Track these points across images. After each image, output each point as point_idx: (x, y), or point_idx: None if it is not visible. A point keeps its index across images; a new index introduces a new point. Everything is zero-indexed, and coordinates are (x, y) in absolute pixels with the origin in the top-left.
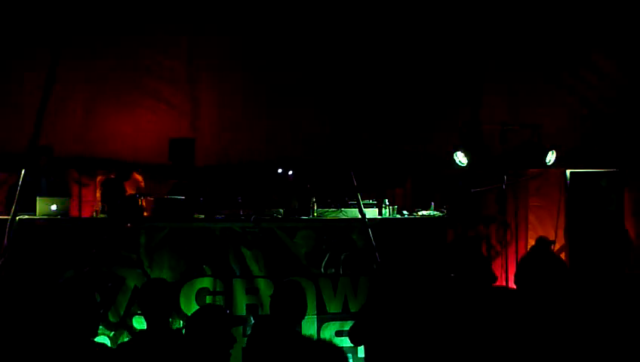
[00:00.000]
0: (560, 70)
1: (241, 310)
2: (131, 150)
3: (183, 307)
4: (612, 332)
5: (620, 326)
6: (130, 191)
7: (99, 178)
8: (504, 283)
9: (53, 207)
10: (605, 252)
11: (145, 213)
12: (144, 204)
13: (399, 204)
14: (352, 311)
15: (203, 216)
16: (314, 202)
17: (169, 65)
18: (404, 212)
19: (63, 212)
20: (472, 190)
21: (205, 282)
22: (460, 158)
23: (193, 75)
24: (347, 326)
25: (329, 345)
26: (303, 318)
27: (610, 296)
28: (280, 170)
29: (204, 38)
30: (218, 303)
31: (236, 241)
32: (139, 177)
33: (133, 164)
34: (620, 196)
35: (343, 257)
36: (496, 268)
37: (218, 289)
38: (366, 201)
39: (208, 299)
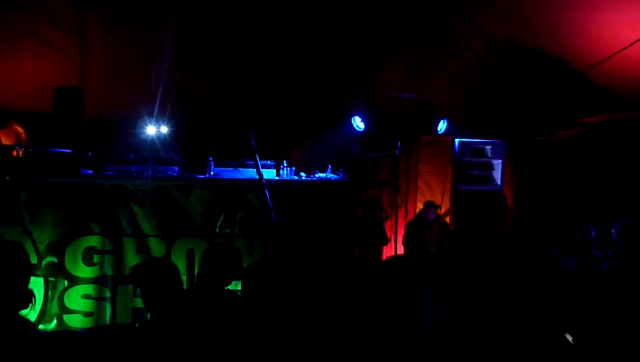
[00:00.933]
0: (449, 37)
1: None
2: (9, 97)
3: (67, 266)
4: (487, 282)
5: (492, 277)
6: (8, 142)
7: None
8: (393, 244)
9: None
10: (485, 215)
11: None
12: (24, 156)
13: (297, 165)
14: None
15: (91, 172)
16: (210, 161)
17: (57, 7)
18: (302, 174)
19: None
20: (368, 155)
21: (93, 240)
22: (358, 123)
23: (83, 17)
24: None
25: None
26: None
27: (487, 254)
28: (156, 129)
29: None
30: (107, 263)
31: (127, 199)
32: (19, 128)
33: (11, 112)
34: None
35: (238, 217)
36: (387, 229)
37: (107, 248)
38: (264, 162)
39: (96, 258)
